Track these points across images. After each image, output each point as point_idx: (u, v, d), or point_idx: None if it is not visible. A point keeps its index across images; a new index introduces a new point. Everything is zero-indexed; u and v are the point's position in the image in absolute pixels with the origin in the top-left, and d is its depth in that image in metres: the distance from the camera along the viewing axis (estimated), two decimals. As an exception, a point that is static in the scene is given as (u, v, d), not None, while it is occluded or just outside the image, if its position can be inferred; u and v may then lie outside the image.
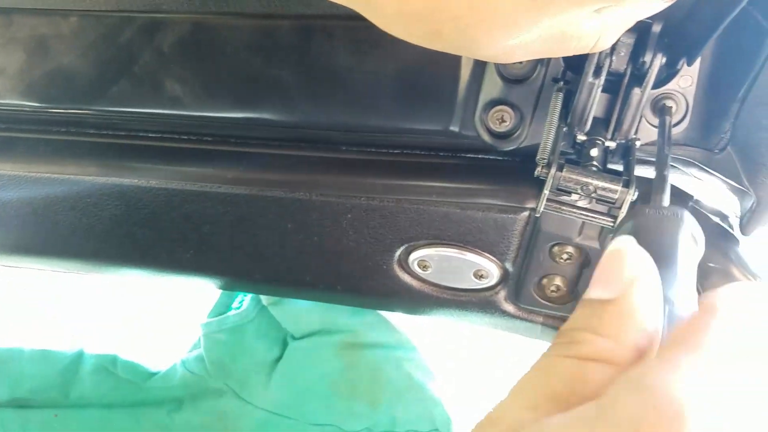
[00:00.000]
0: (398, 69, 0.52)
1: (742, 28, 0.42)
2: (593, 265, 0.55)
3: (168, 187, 0.61)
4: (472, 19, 0.32)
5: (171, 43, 0.54)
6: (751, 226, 0.48)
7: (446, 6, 0.31)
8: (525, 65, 0.47)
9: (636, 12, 0.34)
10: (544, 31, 0.33)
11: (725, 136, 0.46)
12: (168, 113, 0.58)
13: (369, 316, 0.78)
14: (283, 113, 0.56)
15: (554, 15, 0.31)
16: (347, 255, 0.62)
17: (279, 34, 0.52)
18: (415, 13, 0.32)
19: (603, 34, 0.34)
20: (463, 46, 0.34)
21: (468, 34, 0.33)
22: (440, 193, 0.55)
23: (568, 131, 0.47)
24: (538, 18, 0.31)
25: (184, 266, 0.67)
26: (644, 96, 0.43)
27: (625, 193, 0.43)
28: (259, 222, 0.61)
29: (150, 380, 0.86)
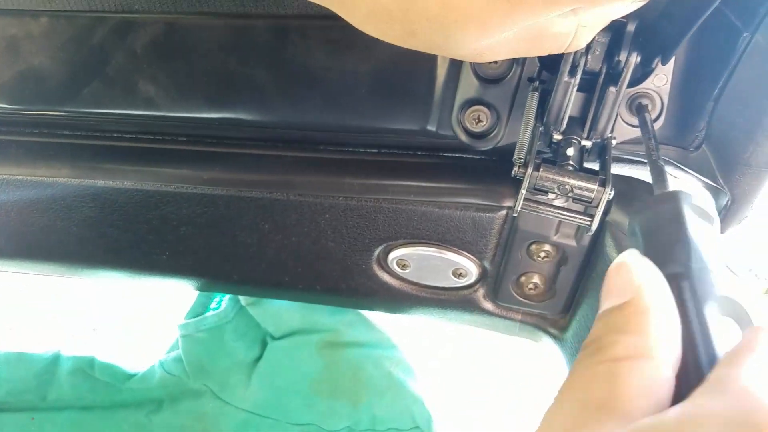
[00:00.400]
0: (374, 68, 0.51)
1: (716, 27, 0.42)
2: (570, 263, 0.55)
3: (143, 188, 0.60)
4: (446, 19, 0.31)
5: (144, 44, 0.54)
6: (726, 224, 0.48)
7: (420, 6, 0.31)
8: (500, 65, 0.47)
9: (610, 12, 0.34)
10: (518, 32, 0.33)
11: (700, 134, 0.46)
12: (142, 114, 0.57)
13: (349, 315, 0.78)
14: (259, 113, 0.56)
15: (528, 16, 0.31)
16: (326, 255, 0.62)
17: (253, 33, 0.52)
18: (388, 12, 0.32)
19: (577, 33, 0.34)
20: (437, 46, 0.34)
21: (442, 34, 0.33)
22: (418, 192, 0.55)
23: (545, 131, 0.47)
24: (512, 18, 0.31)
25: (161, 268, 0.67)
26: (620, 95, 0.43)
27: (601, 192, 0.44)
28: (236, 223, 0.60)
29: (128, 382, 0.85)
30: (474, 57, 0.36)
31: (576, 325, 0.59)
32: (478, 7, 0.30)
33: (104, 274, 0.69)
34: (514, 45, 0.34)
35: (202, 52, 0.53)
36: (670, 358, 0.24)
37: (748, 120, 0.42)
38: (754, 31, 0.39)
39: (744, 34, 0.40)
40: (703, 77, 0.44)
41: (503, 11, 0.30)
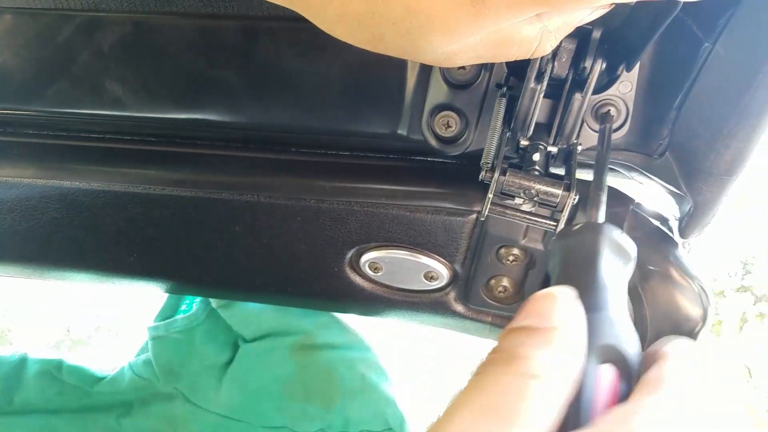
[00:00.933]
0: (345, 71, 0.51)
1: (678, 37, 0.43)
2: (538, 267, 0.56)
3: (110, 189, 0.59)
4: (412, 24, 0.32)
5: (111, 43, 0.53)
6: (689, 230, 0.49)
7: (386, 11, 0.31)
8: (469, 71, 0.48)
9: (574, 18, 0.34)
10: (484, 37, 0.33)
11: (664, 141, 0.47)
12: (109, 114, 0.57)
13: (322, 317, 0.78)
14: (229, 114, 0.56)
15: (493, 21, 0.31)
16: (297, 258, 0.61)
17: (223, 34, 0.51)
18: (356, 17, 0.32)
19: (543, 39, 0.35)
20: (405, 50, 0.34)
21: (408, 38, 0.33)
22: (390, 195, 0.55)
23: (512, 136, 0.47)
24: (478, 24, 0.31)
25: (129, 270, 0.66)
26: (585, 101, 0.44)
27: (566, 197, 0.44)
28: (205, 225, 0.60)
29: (97, 385, 0.83)
30: (442, 62, 0.36)
31: (544, 329, 0.59)
32: (443, 12, 0.31)
33: (71, 276, 0.68)
34: (480, 50, 0.35)
35: (170, 52, 0.53)
36: (570, 391, 0.26)
37: (709, 129, 0.42)
38: (714, 41, 0.40)
39: (705, 44, 0.40)
40: (666, 86, 0.45)
41: (468, 16, 0.31)
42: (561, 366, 0.25)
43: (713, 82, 0.42)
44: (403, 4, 0.31)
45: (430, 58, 0.35)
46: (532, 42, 0.35)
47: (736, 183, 0.46)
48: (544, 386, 0.24)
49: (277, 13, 0.49)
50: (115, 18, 0.52)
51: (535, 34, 0.34)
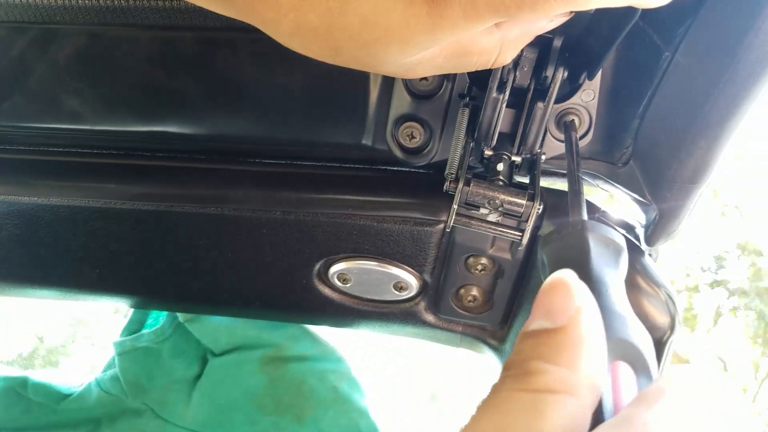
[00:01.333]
0: (307, 82, 0.51)
1: (639, 45, 0.42)
2: (507, 276, 0.55)
3: (70, 204, 0.58)
4: (369, 37, 0.31)
5: (67, 56, 0.52)
6: (655, 238, 0.49)
7: (342, 23, 0.31)
8: (431, 81, 0.47)
9: (533, 27, 0.34)
10: (443, 48, 0.33)
11: (627, 150, 0.47)
12: (66, 128, 0.55)
13: (292, 329, 0.76)
14: (190, 126, 0.54)
15: (450, 32, 0.30)
16: (264, 270, 0.60)
17: (181, 46, 0.50)
18: (312, 29, 0.31)
19: (503, 49, 0.34)
20: (363, 63, 0.34)
21: (366, 51, 0.32)
22: (357, 206, 0.55)
23: (476, 146, 0.47)
24: (434, 35, 0.30)
25: (92, 286, 0.64)
26: (547, 110, 0.44)
27: (530, 206, 0.44)
28: (168, 239, 0.59)
29: (63, 402, 0.81)
30: (402, 73, 0.35)
31: (513, 337, 0.59)
32: (399, 24, 0.30)
33: (33, 293, 0.66)
34: (440, 62, 0.34)
35: (128, 64, 0.51)
36: (593, 399, 0.23)
37: (672, 138, 0.42)
38: (674, 50, 0.40)
39: (665, 53, 0.40)
40: (628, 94, 0.45)
41: (425, 28, 0.30)
42: (581, 375, 0.23)
43: (674, 90, 0.42)
44: (359, 17, 0.30)
45: (390, 70, 0.35)
46: (492, 52, 0.34)
47: (701, 191, 0.46)
48: (563, 402, 0.22)
49: (236, 24, 0.48)
50: (71, 30, 0.51)
51: (495, 45, 0.34)
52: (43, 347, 5.71)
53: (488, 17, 0.30)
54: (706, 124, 0.40)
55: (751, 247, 7.07)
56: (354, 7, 0.30)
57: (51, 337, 5.73)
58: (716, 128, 0.40)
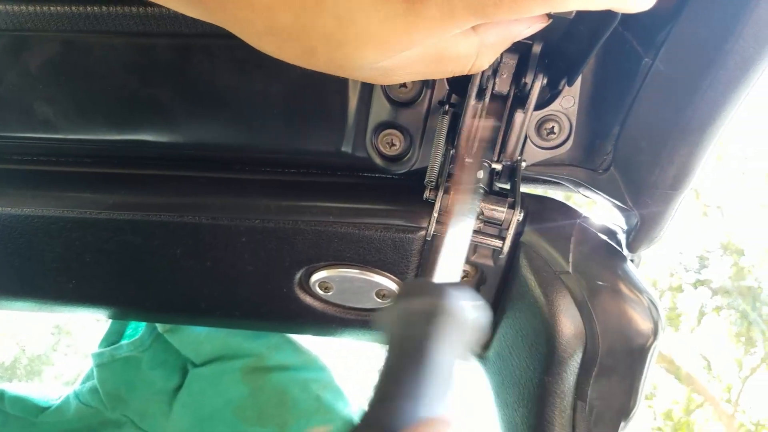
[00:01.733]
0: (285, 89, 0.50)
1: (619, 52, 0.42)
2: (489, 283, 0.55)
3: (44, 214, 0.56)
4: (344, 37, 0.30)
5: (39, 63, 0.50)
6: (637, 244, 0.48)
7: (316, 23, 0.30)
8: (411, 89, 0.46)
9: (512, 31, 0.34)
10: (421, 51, 0.32)
11: (608, 156, 0.47)
12: (39, 137, 0.54)
13: (273, 338, 0.75)
14: (166, 134, 0.53)
15: (427, 33, 0.30)
16: (244, 280, 0.59)
17: (156, 53, 0.49)
18: (285, 29, 0.31)
19: (480, 54, 0.34)
20: (338, 65, 0.33)
21: (341, 53, 0.31)
22: (337, 213, 0.54)
23: (456, 154, 0.46)
24: (411, 37, 0.30)
25: (68, 297, 0.63)
26: (527, 117, 0.43)
27: (510, 214, 0.43)
28: (145, 248, 0.58)
29: (41, 415, 0.80)
30: (378, 78, 0.35)
31: (497, 344, 0.59)
32: (375, 24, 0.29)
33: (7, 305, 0.65)
34: (417, 66, 0.34)
35: (102, 71, 0.50)
36: None
37: (652, 144, 0.42)
38: (654, 57, 0.39)
39: (645, 59, 0.40)
40: (608, 101, 0.45)
41: (401, 29, 0.29)
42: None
43: (654, 97, 0.41)
44: (334, 15, 0.29)
45: (367, 75, 0.34)
46: (470, 57, 0.34)
47: (682, 197, 0.45)
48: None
49: (211, 30, 0.47)
50: (43, 37, 0.49)
51: (472, 49, 0.33)
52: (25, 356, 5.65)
53: (465, 18, 0.29)
54: (686, 130, 0.40)
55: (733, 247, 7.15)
56: (329, 6, 0.29)
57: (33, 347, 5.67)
58: (697, 134, 0.40)
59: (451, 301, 0.29)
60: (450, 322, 0.29)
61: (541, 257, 0.50)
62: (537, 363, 0.53)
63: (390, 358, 0.29)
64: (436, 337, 0.28)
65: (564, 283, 0.49)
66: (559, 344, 0.50)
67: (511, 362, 0.56)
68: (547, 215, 0.50)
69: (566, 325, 0.49)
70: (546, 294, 0.50)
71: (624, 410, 0.52)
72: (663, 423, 7.15)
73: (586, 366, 0.50)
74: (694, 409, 7.17)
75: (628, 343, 0.49)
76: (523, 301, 0.53)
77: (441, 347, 0.28)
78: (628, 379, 0.50)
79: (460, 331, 0.29)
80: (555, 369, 0.51)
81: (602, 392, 0.51)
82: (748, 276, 6.94)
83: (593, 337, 0.49)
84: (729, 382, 7.11)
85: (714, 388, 7.12)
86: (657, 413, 7.17)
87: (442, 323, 0.28)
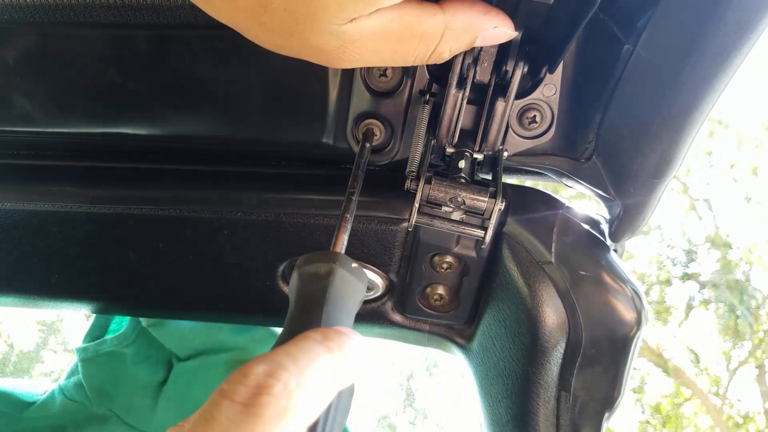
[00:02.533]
0: (265, 80, 0.49)
1: (600, 38, 0.42)
2: (473, 274, 0.55)
3: (24, 208, 0.56)
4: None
5: (16, 56, 0.50)
6: (620, 234, 0.48)
7: None
8: (391, 78, 0.46)
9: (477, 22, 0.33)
10: (383, 22, 0.31)
11: (590, 145, 0.46)
12: (18, 130, 0.53)
13: (258, 332, 0.75)
14: (146, 126, 0.53)
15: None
16: (227, 273, 0.59)
17: (135, 44, 0.49)
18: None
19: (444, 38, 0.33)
20: (294, 20, 0.30)
21: (301, 4, 0.29)
22: (319, 206, 0.54)
23: (437, 144, 0.46)
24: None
25: (51, 292, 0.62)
26: (508, 106, 0.43)
27: (492, 203, 0.43)
28: (127, 242, 0.57)
29: (27, 410, 0.79)
30: (332, 52, 0.33)
31: (481, 335, 0.59)
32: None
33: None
34: (377, 42, 0.32)
35: (80, 64, 0.50)
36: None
37: (634, 132, 0.42)
38: (635, 43, 0.39)
39: (626, 45, 0.40)
40: (590, 89, 0.44)
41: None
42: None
43: (636, 84, 0.41)
44: None
45: (323, 42, 0.32)
46: (433, 39, 0.33)
47: (664, 185, 0.45)
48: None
49: (191, 21, 0.46)
50: (20, 29, 0.49)
51: (437, 29, 0.33)
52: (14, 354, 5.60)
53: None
54: (668, 117, 0.40)
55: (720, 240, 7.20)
56: None
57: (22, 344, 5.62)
58: (679, 121, 0.40)
59: (341, 262, 0.36)
60: (341, 278, 0.35)
61: (524, 248, 0.50)
62: (520, 354, 0.52)
63: (293, 309, 0.35)
64: (332, 288, 0.35)
65: (547, 273, 0.49)
66: (542, 334, 0.50)
67: (495, 353, 0.56)
68: (529, 205, 0.50)
69: (549, 316, 0.49)
70: (529, 284, 0.50)
71: (608, 400, 0.52)
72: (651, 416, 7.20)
73: (570, 356, 0.50)
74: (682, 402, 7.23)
75: (612, 333, 0.49)
76: (506, 292, 0.52)
77: (336, 296, 0.35)
78: (611, 369, 0.50)
79: (350, 285, 0.36)
80: (538, 359, 0.51)
81: (586, 382, 0.51)
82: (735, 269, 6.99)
83: (576, 327, 0.49)
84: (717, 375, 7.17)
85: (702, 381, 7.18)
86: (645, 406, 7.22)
87: (337, 279, 0.35)
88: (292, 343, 0.30)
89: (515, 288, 0.51)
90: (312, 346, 0.30)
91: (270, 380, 0.27)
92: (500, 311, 0.54)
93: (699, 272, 7.14)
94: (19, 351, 5.41)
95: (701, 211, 7.24)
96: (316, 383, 0.28)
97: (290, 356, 0.28)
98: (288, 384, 0.27)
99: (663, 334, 7.25)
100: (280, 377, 0.27)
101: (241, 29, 0.33)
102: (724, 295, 6.86)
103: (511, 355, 0.54)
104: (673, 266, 7.24)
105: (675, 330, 7.28)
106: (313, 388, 0.28)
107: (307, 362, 0.28)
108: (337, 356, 0.30)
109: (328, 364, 0.29)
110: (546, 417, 0.53)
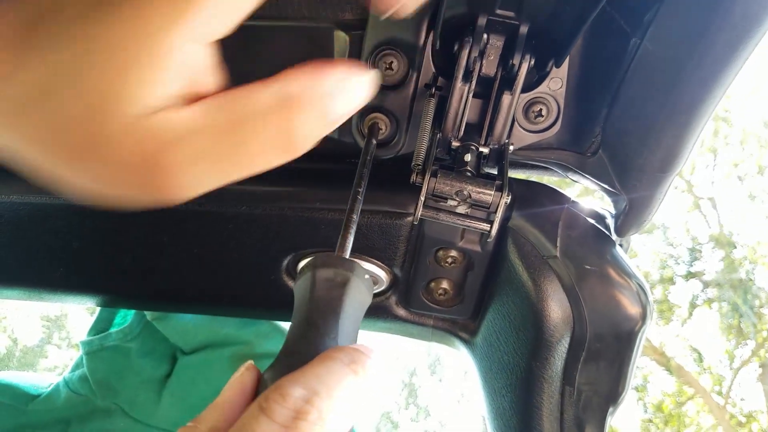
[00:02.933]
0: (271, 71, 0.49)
1: (607, 32, 0.42)
2: (477, 269, 0.55)
3: (30, 201, 0.56)
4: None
5: None
6: (626, 228, 0.48)
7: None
8: (397, 71, 0.46)
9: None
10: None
11: (596, 139, 0.46)
12: None
13: (262, 326, 0.75)
14: None
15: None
16: (231, 267, 0.59)
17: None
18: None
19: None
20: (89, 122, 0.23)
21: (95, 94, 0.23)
22: (324, 200, 0.54)
23: (443, 137, 0.46)
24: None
25: (56, 285, 0.62)
26: (514, 99, 0.43)
27: (498, 197, 0.43)
28: (131, 235, 0.57)
29: (32, 403, 0.80)
30: (149, 162, 0.24)
31: (485, 330, 0.59)
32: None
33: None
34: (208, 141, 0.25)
35: None
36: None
37: (640, 126, 0.42)
38: (642, 36, 0.39)
39: (633, 39, 0.40)
40: (596, 82, 0.44)
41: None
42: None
43: (642, 78, 0.41)
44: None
45: (130, 146, 0.24)
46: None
47: (670, 179, 0.45)
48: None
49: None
50: None
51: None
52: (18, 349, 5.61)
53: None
54: (674, 112, 0.40)
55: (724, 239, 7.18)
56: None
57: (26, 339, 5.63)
58: (685, 115, 0.40)
59: (357, 273, 0.36)
60: (356, 289, 0.35)
61: (529, 242, 0.50)
62: (525, 348, 0.52)
63: (307, 311, 0.35)
64: (347, 298, 0.35)
65: (552, 267, 0.49)
66: (547, 329, 0.50)
67: (499, 348, 0.56)
68: (534, 200, 0.50)
69: (554, 310, 0.49)
70: (534, 279, 0.50)
71: (612, 395, 0.52)
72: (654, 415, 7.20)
73: (574, 351, 0.50)
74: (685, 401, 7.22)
75: (616, 328, 0.49)
76: (511, 287, 0.52)
77: (350, 306, 0.35)
78: (616, 364, 0.50)
79: (361, 296, 0.36)
80: (543, 354, 0.51)
81: (590, 377, 0.51)
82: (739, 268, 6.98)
83: (581, 321, 0.49)
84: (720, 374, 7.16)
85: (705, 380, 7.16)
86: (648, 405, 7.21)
87: (352, 289, 0.35)
88: (321, 365, 0.31)
89: (520, 282, 0.51)
90: (340, 369, 0.31)
91: (307, 407, 0.29)
92: (505, 306, 0.54)
93: (703, 271, 7.13)
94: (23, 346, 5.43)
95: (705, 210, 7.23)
96: (344, 407, 0.30)
97: (322, 382, 0.30)
98: (322, 411, 0.29)
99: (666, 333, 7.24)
100: (315, 404, 0.29)
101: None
102: (728, 294, 6.85)
103: (515, 349, 0.54)
104: (677, 265, 7.22)
105: (678, 329, 7.27)
106: (341, 411, 0.30)
107: (337, 387, 0.30)
108: (361, 378, 0.32)
109: (354, 388, 0.31)
110: (550, 411, 0.53)
